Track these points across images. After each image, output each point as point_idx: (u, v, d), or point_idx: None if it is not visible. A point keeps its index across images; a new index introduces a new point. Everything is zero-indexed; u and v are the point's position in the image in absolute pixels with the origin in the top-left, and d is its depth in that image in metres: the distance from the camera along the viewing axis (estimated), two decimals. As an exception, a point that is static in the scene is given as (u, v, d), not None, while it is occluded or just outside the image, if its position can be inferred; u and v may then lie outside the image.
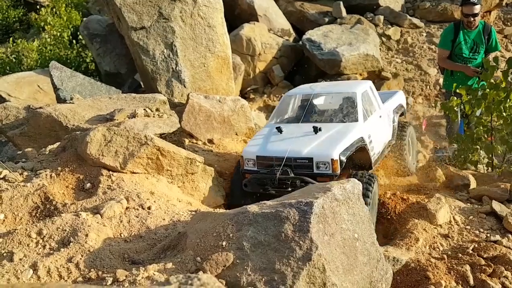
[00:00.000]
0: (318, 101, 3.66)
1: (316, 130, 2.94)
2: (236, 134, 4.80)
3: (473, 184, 4.04)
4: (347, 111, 3.21)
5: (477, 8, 5.31)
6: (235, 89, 7.91)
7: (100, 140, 2.49)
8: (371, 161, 3.02)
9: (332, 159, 2.67)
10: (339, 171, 2.70)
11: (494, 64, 4.83)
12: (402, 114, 4.32)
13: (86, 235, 2.06)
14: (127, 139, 2.49)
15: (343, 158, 2.72)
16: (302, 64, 9.39)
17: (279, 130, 3.07)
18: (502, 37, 9.32)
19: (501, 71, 4.74)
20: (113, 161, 2.47)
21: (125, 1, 4.88)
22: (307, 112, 3.28)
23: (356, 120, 3.08)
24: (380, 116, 3.49)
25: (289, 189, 2.68)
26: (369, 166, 3.03)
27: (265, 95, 9.10)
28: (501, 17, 9.84)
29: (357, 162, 3.03)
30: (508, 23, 9.72)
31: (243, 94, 8.99)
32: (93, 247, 2.01)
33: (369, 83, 3.65)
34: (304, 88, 3.78)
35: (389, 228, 2.80)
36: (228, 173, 4.03)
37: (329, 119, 3.19)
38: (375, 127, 3.26)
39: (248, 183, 2.86)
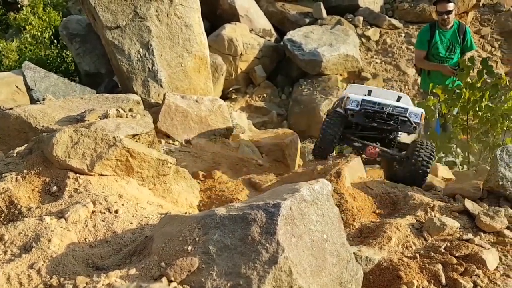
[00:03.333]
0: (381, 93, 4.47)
1: (399, 98, 3.92)
2: (214, 135, 4.76)
3: (450, 177, 4.10)
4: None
5: (451, 6, 5.37)
6: (217, 89, 7.87)
7: (66, 141, 2.41)
8: None
9: (422, 113, 3.70)
10: (423, 123, 3.77)
11: (470, 64, 4.90)
12: None
13: (49, 240, 1.98)
14: (95, 140, 2.42)
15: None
16: (283, 65, 9.39)
17: (370, 92, 3.97)
18: (479, 37, 9.48)
19: (477, 71, 4.81)
20: (80, 163, 2.39)
21: (99, 0, 4.79)
22: (376, 96, 4.00)
23: None
24: None
25: (391, 122, 3.58)
26: None
27: (247, 95, 9.08)
28: (478, 18, 10.01)
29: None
30: (485, 24, 9.90)
31: (225, 94, 8.95)
32: (56, 252, 1.94)
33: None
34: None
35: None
36: (205, 174, 3.98)
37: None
38: None
39: (356, 113, 3.62)
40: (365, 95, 3.91)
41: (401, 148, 3.89)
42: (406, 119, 3.60)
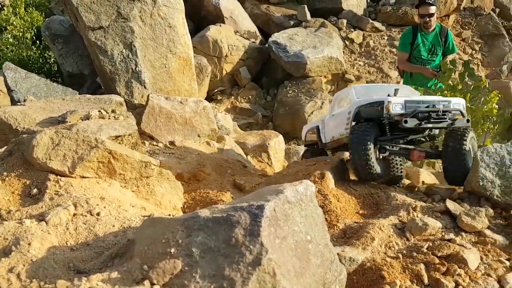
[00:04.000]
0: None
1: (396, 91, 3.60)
2: (199, 136, 4.73)
3: (433, 182, 4.15)
4: None
5: (433, 9, 5.46)
6: (202, 91, 7.83)
7: (47, 143, 2.37)
8: None
9: (463, 103, 3.37)
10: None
11: (451, 66, 4.98)
12: None
13: (29, 244, 1.94)
14: (76, 142, 2.38)
15: None
16: (268, 66, 9.41)
17: (396, 92, 3.52)
18: (460, 40, 9.66)
19: (459, 73, 4.89)
20: (61, 165, 2.36)
21: (82, 1, 4.73)
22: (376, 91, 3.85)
23: None
24: None
25: (447, 119, 3.18)
26: None
27: (233, 97, 9.07)
28: (459, 21, 10.20)
29: None
30: (466, 27, 10.08)
31: (210, 96, 8.91)
32: (36, 256, 1.90)
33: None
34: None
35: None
36: (189, 175, 3.95)
37: None
38: None
39: (409, 118, 3.15)
40: (389, 95, 3.50)
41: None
42: (460, 113, 3.23)
